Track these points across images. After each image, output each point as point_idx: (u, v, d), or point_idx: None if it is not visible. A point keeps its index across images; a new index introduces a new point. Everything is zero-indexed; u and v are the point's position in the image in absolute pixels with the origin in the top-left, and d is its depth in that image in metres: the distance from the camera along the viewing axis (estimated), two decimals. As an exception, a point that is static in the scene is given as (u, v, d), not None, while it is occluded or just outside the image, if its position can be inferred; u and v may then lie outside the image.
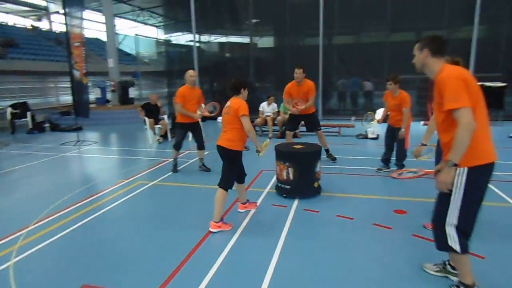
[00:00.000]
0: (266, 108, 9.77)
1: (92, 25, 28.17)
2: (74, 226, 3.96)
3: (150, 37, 32.22)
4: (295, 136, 8.96)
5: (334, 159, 6.50)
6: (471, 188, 2.30)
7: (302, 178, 4.55)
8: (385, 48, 12.72)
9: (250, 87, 3.97)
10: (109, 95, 15.22)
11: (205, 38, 15.98)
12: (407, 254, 3.17)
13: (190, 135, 6.34)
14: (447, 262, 2.84)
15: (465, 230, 2.40)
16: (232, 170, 3.87)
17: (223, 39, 16.92)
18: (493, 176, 2.35)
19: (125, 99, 14.11)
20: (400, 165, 5.46)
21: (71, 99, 16.81)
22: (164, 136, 9.04)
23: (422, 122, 10.79)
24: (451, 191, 2.34)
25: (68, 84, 9.36)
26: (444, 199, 2.41)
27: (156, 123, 9.03)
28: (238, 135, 3.80)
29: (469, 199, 2.32)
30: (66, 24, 8.48)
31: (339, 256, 3.19)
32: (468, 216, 2.38)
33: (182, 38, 17.35)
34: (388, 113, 5.75)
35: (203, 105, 6.09)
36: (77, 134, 9.05)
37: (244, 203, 4.29)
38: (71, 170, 6.85)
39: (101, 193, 5.08)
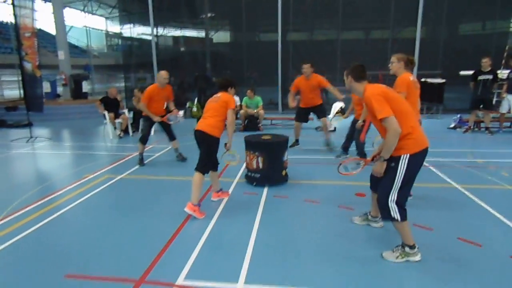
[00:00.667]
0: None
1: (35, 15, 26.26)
2: (47, 220, 3.91)
3: (100, 30, 30.76)
4: (258, 129, 9.29)
5: (331, 149, 6.99)
6: (409, 170, 2.84)
7: (271, 166, 4.83)
8: (337, 45, 13.44)
9: (236, 86, 4.28)
10: (59, 89, 14.42)
11: (159, 31, 15.56)
12: (366, 228, 3.60)
13: (153, 130, 6.36)
14: (368, 213, 3.68)
15: (402, 203, 2.92)
16: (210, 155, 4.07)
17: (178, 32, 16.68)
18: (438, 162, 2.81)
19: (78, 94, 13.48)
20: (359, 153, 5.94)
21: (17, 94, 15.69)
22: (125, 130, 8.87)
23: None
24: (383, 176, 2.95)
25: (13, 78, 8.82)
26: (386, 182, 2.93)
27: (117, 118, 8.83)
28: (219, 124, 4.04)
29: (407, 180, 2.87)
30: (14, 14, 7.97)
31: (310, 233, 3.53)
32: (405, 192, 2.93)
33: (134, 30, 16.80)
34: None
35: (172, 103, 6.21)
36: (30, 130, 8.57)
37: (217, 192, 4.48)
38: (30, 166, 6.55)
39: (69, 187, 4.99)
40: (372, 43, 14.39)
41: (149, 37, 16.60)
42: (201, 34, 16.37)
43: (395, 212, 2.90)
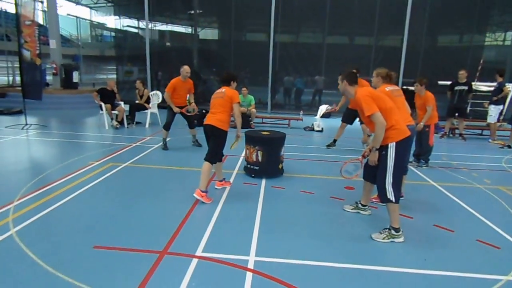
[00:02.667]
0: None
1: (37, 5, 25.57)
2: (67, 198, 4.22)
3: (85, 19, 30.27)
4: (249, 126, 9.69)
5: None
6: (398, 155, 3.38)
7: (269, 160, 5.27)
8: (323, 49, 13.94)
9: (238, 80, 4.67)
10: (48, 78, 14.34)
11: (143, 24, 15.38)
12: (356, 215, 4.10)
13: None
14: (358, 202, 4.15)
15: (396, 185, 3.44)
16: (220, 147, 4.45)
17: (164, 27, 16.73)
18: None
19: (68, 84, 13.45)
20: (425, 158, 6.23)
21: (5, 80, 15.42)
22: (121, 122, 9.09)
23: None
24: (378, 165, 3.47)
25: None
26: (381, 169, 3.45)
27: (113, 109, 9.03)
28: (227, 118, 4.43)
29: (398, 164, 3.40)
30: (16, 4, 8.07)
31: (306, 217, 4.01)
32: (398, 175, 3.47)
33: (120, 22, 16.74)
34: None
35: (192, 95, 6.98)
36: (25, 117, 8.65)
37: (220, 181, 4.87)
38: (34, 152, 6.73)
39: (78, 172, 5.25)
40: (355, 49, 14.86)
41: (135, 30, 16.65)
42: (188, 30, 16.53)
43: (391, 194, 3.42)
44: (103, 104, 8.88)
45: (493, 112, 8.79)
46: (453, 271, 3.00)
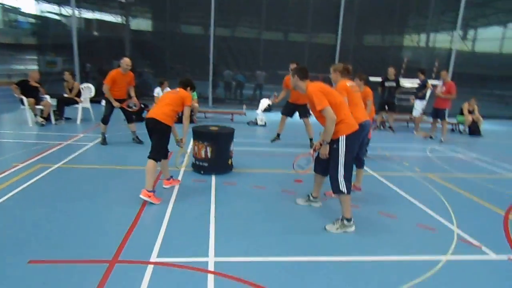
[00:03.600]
0: (161, 93, 9.85)
1: None
2: (-16, 210, 3.64)
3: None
4: (192, 121, 9.40)
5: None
6: (348, 148, 3.52)
7: (218, 156, 5.15)
8: (260, 44, 14.00)
9: (194, 88, 4.61)
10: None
11: (69, 11, 13.96)
12: (308, 208, 4.20)
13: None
14: (310, 195, 4.26)
15: (348, 177, 3.58)
16: (163, 142, 4.22)
17: (91, 15, 15.43)
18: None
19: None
20: None
21: None
22: (47, 118, 8.18)
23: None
24: (329, 158, 3.59)
25: None
26: (333, 162, 3.57)
27: (37, 104, 8.08)
28: (172, 114, 4.22)
29: (349, 156, 3.54)
30: None
31: (260, 213, 3.99)
32: (349, 167, 3.61)
33: (36, 7, 15.01)
34: None
35: (133, 89, 6.67)
36: None
37: (168, 179, 4.63)
38: None
39: (0, 176, 4.59)
40: (291, 45, 15.05)
41: (57, 17, 15.07)
42: (119, 19, 15.44)
43: (343, 186, 3.54)
44: (24, 98, 7.89)
45: (418, 106, 9.70)
46: (402, 255, 3.23)
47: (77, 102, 8.59)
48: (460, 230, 3.78)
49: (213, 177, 5.07)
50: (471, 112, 10.27)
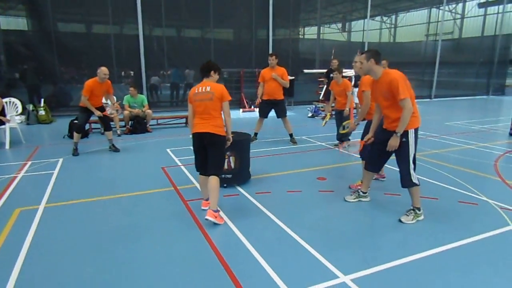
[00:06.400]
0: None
1: None
2: None
3: None
4: (146, 130, 8.45)
5: (295, 142, 7.18)
6: (415, 141, 3.59)
7: (242, 165, 4.71)
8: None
9: (220, 71, 3.87)
10: None
11: None
12: (361, 204, 4.18)
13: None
14: (359, 191, 4.23)
15: (415, 168, 3.64)
16: (224, 155, 3.78)
17: None
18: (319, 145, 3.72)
19: None
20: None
21: None
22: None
23: (240, 110, 12.46)
24: (395, 150, 3.56)
25: None
26: (403, 155, 3.58)
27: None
28: (222, 121, 3.72)
29: (415, 148, 3.60)
30: None
31: (328, 217, 3.83)
32: (415, 159, 3.64)
33: None
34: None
35: (112, 97, 6.62)
36: None
37: (207, 200, 4.02)
38: None
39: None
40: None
41: None
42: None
43: (415, 178, 3.58)
44: None
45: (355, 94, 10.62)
46: (475, 236, 3.45)
47: (2, 123, 6.77)
48: (490, 200, 4.23)
49: (240, 189, 4.62)
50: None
